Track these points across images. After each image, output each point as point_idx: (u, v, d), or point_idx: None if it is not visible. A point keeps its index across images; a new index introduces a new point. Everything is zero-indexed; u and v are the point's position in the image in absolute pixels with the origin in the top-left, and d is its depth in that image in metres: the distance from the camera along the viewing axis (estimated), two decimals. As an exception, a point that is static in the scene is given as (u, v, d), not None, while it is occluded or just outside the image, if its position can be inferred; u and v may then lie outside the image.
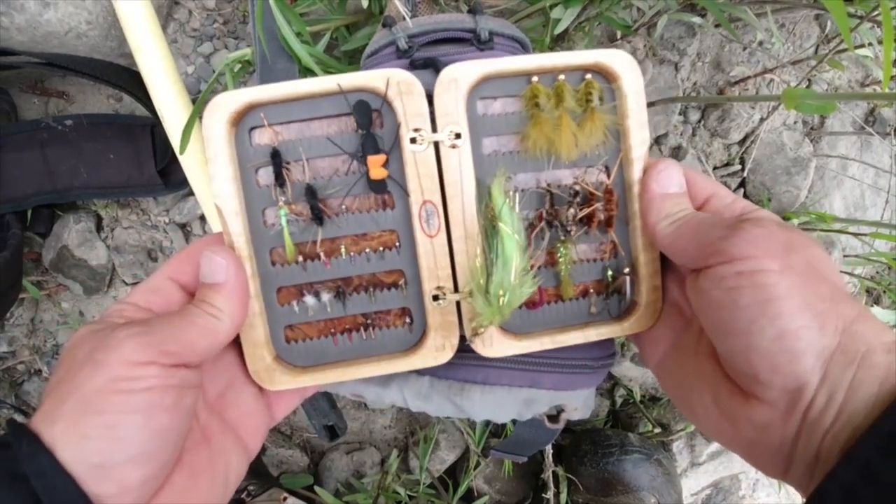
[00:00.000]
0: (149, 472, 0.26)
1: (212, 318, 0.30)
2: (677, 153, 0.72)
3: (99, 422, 0.25)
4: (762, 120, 0.72)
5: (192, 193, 0.68)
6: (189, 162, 0.60)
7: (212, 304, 0.30)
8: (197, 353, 0.29)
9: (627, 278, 0.37)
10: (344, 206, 0.34)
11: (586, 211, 0.35)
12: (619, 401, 0.86)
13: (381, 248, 0.35)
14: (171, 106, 0.58)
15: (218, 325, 0.30)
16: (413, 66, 0.44)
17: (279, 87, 0.32)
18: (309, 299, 0.35)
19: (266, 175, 0.34)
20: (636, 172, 0.35)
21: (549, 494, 0.70)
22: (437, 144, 0.33)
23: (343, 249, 0.34)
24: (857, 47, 0.61)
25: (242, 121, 0.33)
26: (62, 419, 0.25)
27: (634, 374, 0.81)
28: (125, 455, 0.25)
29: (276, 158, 0.33)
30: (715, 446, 0.83)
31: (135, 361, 0.26)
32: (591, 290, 0.37)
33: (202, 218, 0.71)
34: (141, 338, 0.27)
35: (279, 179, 0.33)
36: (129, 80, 0.60)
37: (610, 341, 0.40)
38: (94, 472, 0.25)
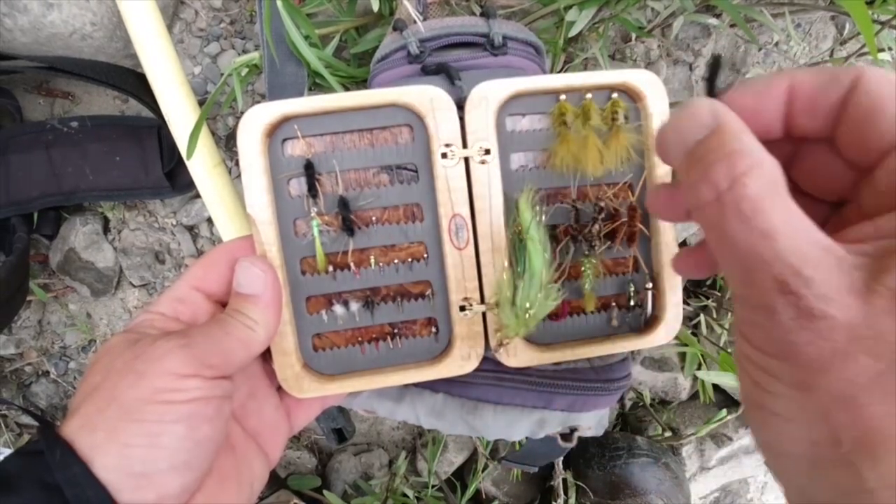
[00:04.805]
0: (188, 480, 0.27)
1: (248, 330, 0.30)
2: (690, 156, 0.71)
3: (142, 430, 0.25)
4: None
5: (199, 196, 0.68)
6: (196, 165, 0.59)
7: (248, 316, 0.30)
8: (234, 365, 0.29)
9: (650, 293, 0.37)
10: (374, 218, 0.35)
11: (610, 226, 0.35)
12: (628, 404, 0.86)
13: (409, 259, 0.35)
14: (177, 109, 0.57)
15: (254, 336, 0.30)
16: (425, 72, 0.43)
17: (314, 100, 0.33)
18: (338, 308, 0.35)
19: (297, 186, 0.34)
20: None
21: (560, 502, 0.70)
22: (466, 159, 0.34)
23: (372, 260, 0.35)
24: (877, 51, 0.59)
25: (276, 132, 0.34)
26: (102, 427, 0.25)
27: (644, 378, 0.81)
28: (168, 463, 0.26)
29: (310, 170, 0.34)
30: (725, 451, 0.82)
31: (179, 374, 0.26)
32: (613, 304, 0.38)
33: (209, 220, 0.70)
34: (184, 350, 0.27)
35: (312, 191, 0.34)
36: (135, 83, 0.59)
37: (625, 363, 0.40)
38: (134, 481, 0.25)
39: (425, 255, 0.35)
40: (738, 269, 0.19)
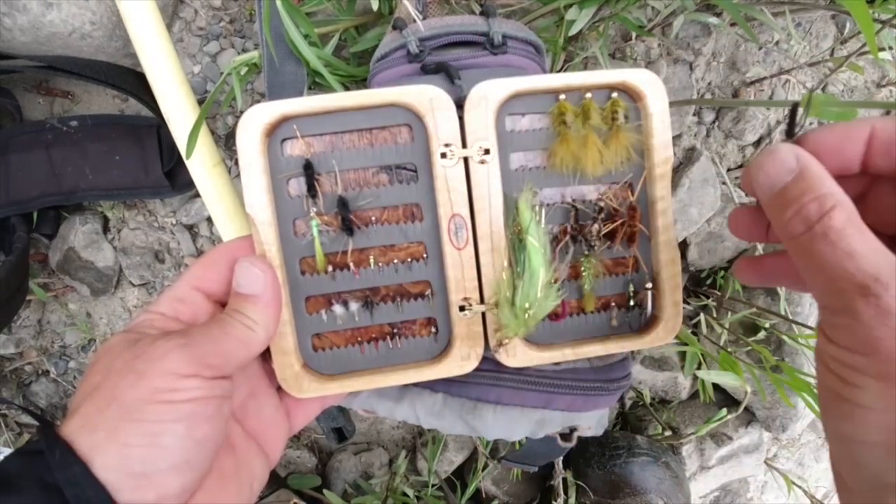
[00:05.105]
0: (188, 479, 0.27)
1: (247, 330, 0.30)
2: (691, 154, 0.71)
3: (141, 430, 0.25)
4: (778, 122, 0.71)
5: (199, 195, 0.68)
6: (196, 165, 0.59)
7: (247, 316, 0.31)
8: (233, 365, 0.29)
9: (649, 293, 0.37)
10: (374, 218, 0.35)
11: (610, 226, 0.35)
12: (628, 403, 0.86)
13: (409, 259, 0.35)
14: (177, 108, 0.57)
15: (253, 336, 0.30)
16: (424, 71, 0.43)
17: (313, 100, 0.33)
18: (337, 308, 0.35)
19: (297, 186, 0.34)
20: (660, 189, 0.35)
21: (560, 502, 0.70)
22: (466, 159, 0.34)
23: (372, 260, 0.35)
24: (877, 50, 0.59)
25: (275, 132, 0.34)
26: (102, 427, 0.25)
27: (644, 377, 0.81)
28: (167, 463, 0.26)
29: (309, 170, 0.34)
30: (725, 450, 0.82)
31: (179, 373, 0.27)
32: (613, 304, 0.38)
33: (209, 220, 0.70)
34: (184, 350, 0.27)
35: (311, 191, 0.34)
36: (134, 82, 0.59)
37: (625, 363, 0.40)
38: (134, 481, 0.25)
39: (425, 255, 0.35)
40: (825, 282, 0.23)
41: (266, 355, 0.34)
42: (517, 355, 0.36)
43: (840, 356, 0.23)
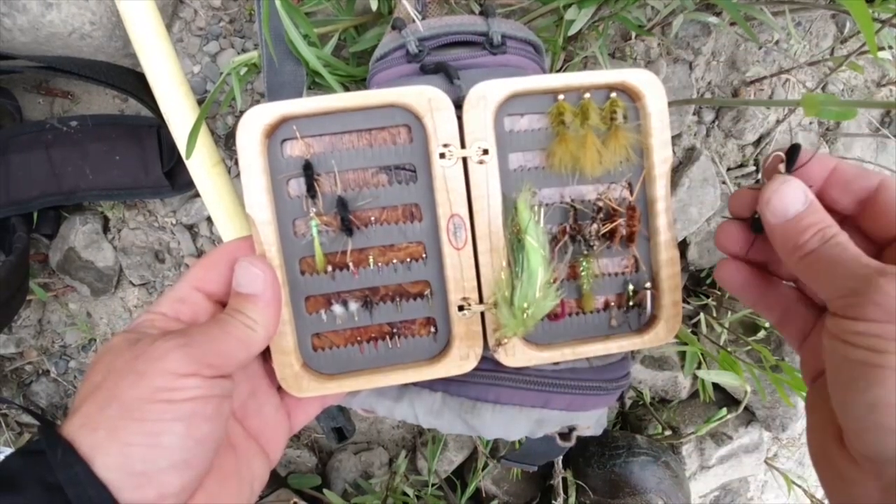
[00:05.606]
0: (188, 478, 0.27)
1: (247, 330, 0.30)
2: (691, 154, 0.71)
3: (141, 429, 0.26)
4: (778, 121, 0.71)
5: (198, 195, 0.68)
6: (196, 165, 0.59)
7: (247, 315, 0.31)
8: (233, 364, 0.30)
9: (648, 293, 0.37)
10: (373, 218, 0.35)
11: (609, 226, 0.36)
12: (628, 402, 0.86)
13: (408, 260, 0.36)
14: (176, 108, 0.57)
15: (253, 336, 0.31)
16: (423, 71, 0.43)
17: (313, 101, 0.33)
18: (337, 308, 0.36)
19: (297, 186, 0.35)
20: (659, 189, 0.35)
21: (560, 501, 0.70)
22: (465, 159, 0.34)
23: (371, 260, 0.35)
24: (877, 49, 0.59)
25: (275, 133, 0.34)
26: (103, 426, 0.26)
27: (644, 377, 0.81)
28: (167, 462, 0.26)
29: (308, 170, 0.34)
30: (724, 450, 0.82)
31: (178, 373, 0.27)
32: (612, 304, 0.38)
33: (209, 219, 0.70)
34: (183, 350, 0.27)
35: (311, 191, 0.34)
36: (134, 83, 0.59)
37: (624, 363, 0.40)
38: (134, 480, 0.25)
39: (424, 255, 0.35)
40: (842, 274, 0.27)
41: (266, 355, 0.35)
42: (516, 355, 0.36)
43: (866, 329, 0.26)
